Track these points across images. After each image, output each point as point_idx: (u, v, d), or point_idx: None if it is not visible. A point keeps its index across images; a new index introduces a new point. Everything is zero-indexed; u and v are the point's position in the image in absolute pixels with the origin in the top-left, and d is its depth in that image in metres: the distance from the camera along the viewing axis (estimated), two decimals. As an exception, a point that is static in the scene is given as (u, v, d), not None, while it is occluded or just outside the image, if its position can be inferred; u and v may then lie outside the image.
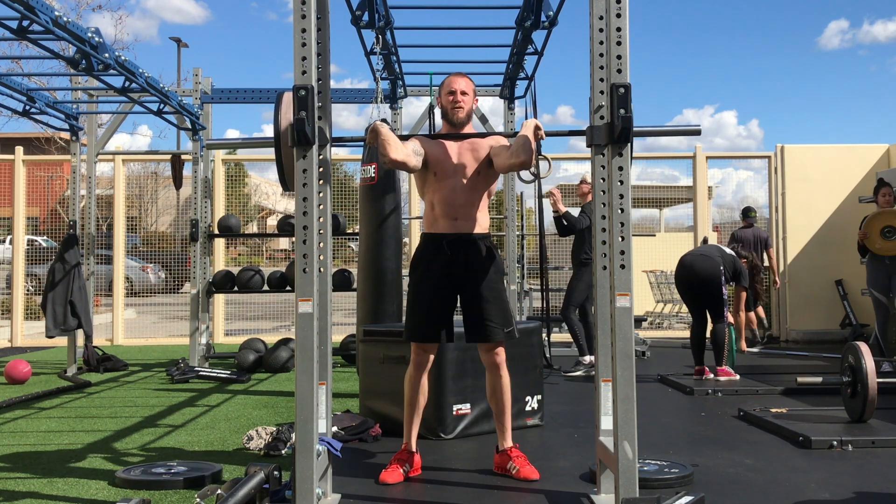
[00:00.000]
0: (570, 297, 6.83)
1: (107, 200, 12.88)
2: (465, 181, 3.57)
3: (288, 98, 3.13)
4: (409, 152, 3.46)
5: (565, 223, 6.60)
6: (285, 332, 10.01)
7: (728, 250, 6.49)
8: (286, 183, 3.19)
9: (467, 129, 3.66)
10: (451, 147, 3.60)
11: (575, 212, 6.79)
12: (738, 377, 6.19)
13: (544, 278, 5.69)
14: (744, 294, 6.83)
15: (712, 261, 6.20)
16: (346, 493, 3.25)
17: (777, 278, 9.22)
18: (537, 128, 3.43)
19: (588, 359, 6.78)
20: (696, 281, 6.21)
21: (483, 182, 3.61)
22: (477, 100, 3.75)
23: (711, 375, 6.22)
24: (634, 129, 2.84)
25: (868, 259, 7.31)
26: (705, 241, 9.29)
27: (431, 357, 3.60)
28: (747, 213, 9.19)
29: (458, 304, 3.63)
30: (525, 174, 3.77)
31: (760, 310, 9.02)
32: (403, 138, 3.71)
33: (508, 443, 3.59)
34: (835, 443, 4.00)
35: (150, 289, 13.08)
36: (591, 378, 6.29)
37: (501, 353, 3.59)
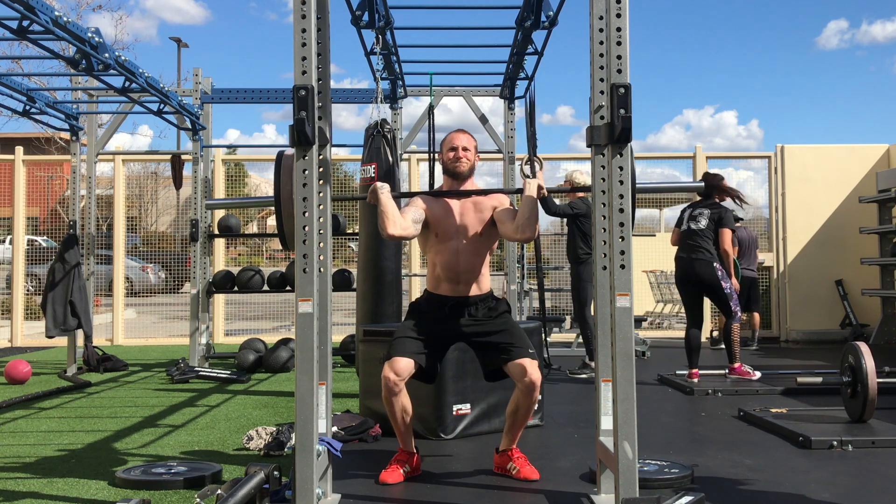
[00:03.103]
0: (578, 297, 6.78)
1: (107, 200, 12.88)
2: (467, 243, 3.54)
3: (287, 161, 3.14)
4: (407, 224, 3.44)
5: (546, 203, 6.53)
6: (285, 332, 10.01)
7: (709, 211, 6.28)
8: (287, 243, 3.18)
9: (469, 184, 3.64)
10: (454, 206, 3.58)
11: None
12: (756, 375, 6.09)
13: (540, 278, 5.69)
14: (728, 233, 6.33)
15: (707, 264, 6.14)
16: (346, 493, 3.26)
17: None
18: (539, 188, 3.48)
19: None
20: (696, 281, 6.20)
21: (485, 243, 3.60)
22: (479, 156, 3.72)
23: (696, 379, 6.13)
24: (639, 184, 2.84)
25: None
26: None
27: (402, 381, 3.37)
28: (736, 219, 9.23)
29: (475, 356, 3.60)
30: (527, 169, 3.78)
31: (756, 316, 9.01)
32: (406, 195, 3.70)
33: (511, 445, 3.59)
34: (835, 443, 4.00)
35: (150, 289, 13.07)
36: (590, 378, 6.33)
37: (538, 372, 3.39)
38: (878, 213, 9.49)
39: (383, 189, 3.44)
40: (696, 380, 6.14)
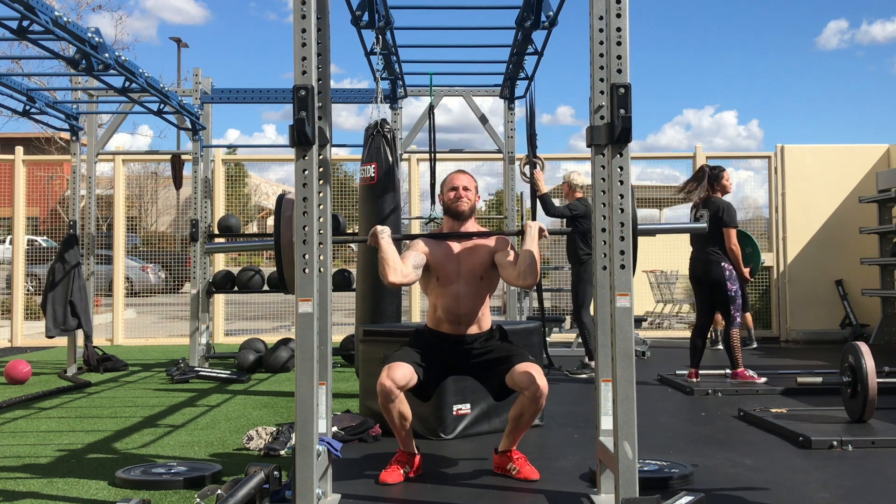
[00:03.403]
0: (577, 298, 6.80)
1: (107, 200, 12.88)
2: (467, 287, 3.55)
3: (289, 208, 3.13)
4: (408, 271, 3.44)
5: (542, 204, 6.52)
6: (285, 332, 10.01)
7: (707, 211, 6.22)
8: (287, 287, 3.18)
9: (470, 224, 3.64)
10: (454, 250, 3.58)
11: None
12: (760, 380, 6.00)
13: (541, 279, 5.70)
14: (731, 232, 6.16)
15: (715, 263, 6.13)
16: (346, 493, 3.26)
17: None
18: (541, 231, 3.50)
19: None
20: (705, 281, 6.19)
21: (486, 287, 3.60)
22: (479, 197, 3.72)
23: (694, 379, 6.12)
24: (641, 226, 2.84)
25: None
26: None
27: (398, 390, 3.35)
28: None
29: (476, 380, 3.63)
30: (527, 170, 3.79)
31: (748, 316, 9.01)
32: (407, 237, 3.70)
33: (511, 447, 3.58)
34: (835, 443, 4.00)
35: (150, 289, 13.07)
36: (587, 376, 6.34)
37: (542, 376, 3.38)
38: (878, 213, 9.49)
39: (384, 234, 3.45)
40: (694, 379, 6.13)
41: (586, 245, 6.67)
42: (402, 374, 3.37)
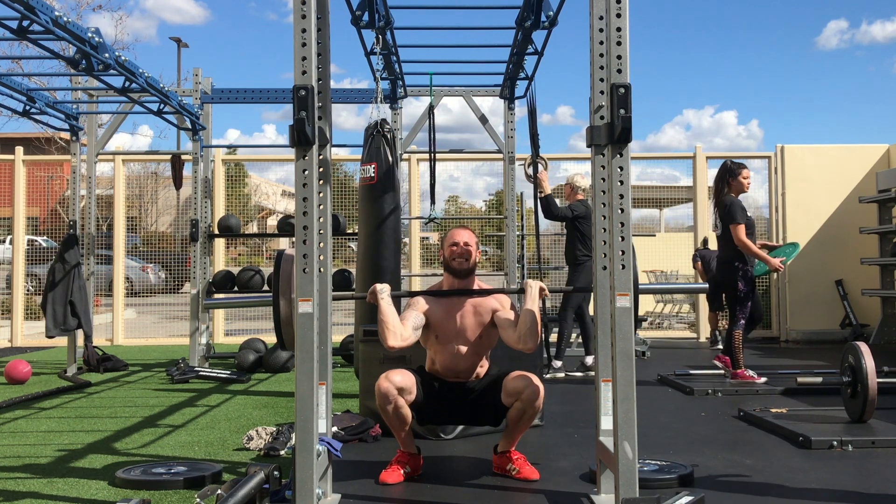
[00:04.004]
0: (567, 298, 6.85)
1: (107, 200, 12.88)
2: (467, 346, 3.55)
3: (287, 265, 3.12)
4: (408, 334, 3.44)
5: (546, 205, 6.52)
6: (285, 332, 9.99)
7: (717, 211, 6.21)
8: (287, 345, 3.17)
9: (470, 282, 3.64)
10: (454, 308, 3.58)
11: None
12: (760, 380, 5.98)
13: (540, 279, 5.70)
14: (738, 228, 6.00)
15: (726, 263, 6.08)
16: (346, 493, 3.26)
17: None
18: (542, 291, 3.51)
19: (589, 360, 6.78)
20: (719, 281, 6.18)
21: (485, 345, 3.61)
22: (480, 253, 3.72)
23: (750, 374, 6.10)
24: (642, 287, 2.84)
25: None
26: (705, 241, 9.31)
27: (397, 392, 3.36)
28: (706, 241, 9.28)
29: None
30: (530, 171, 3.79)
31: None
32: (407, 295, 3.71)
33: (510, 447, 3.59)
34: (835, 443, 4.00)
35: (150, 289, 13.07)
36: (589, 379, 6.34)
37: (536, 378, 3.42)
38: (878, 213, 9.49)
39: (383, 294, 3.45)
40: (733, 380, 6.08)
41: (585, 247, 6.69)
42: (401, 378, 3.38)
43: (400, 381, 3.37)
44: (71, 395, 6.08)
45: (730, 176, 6.16)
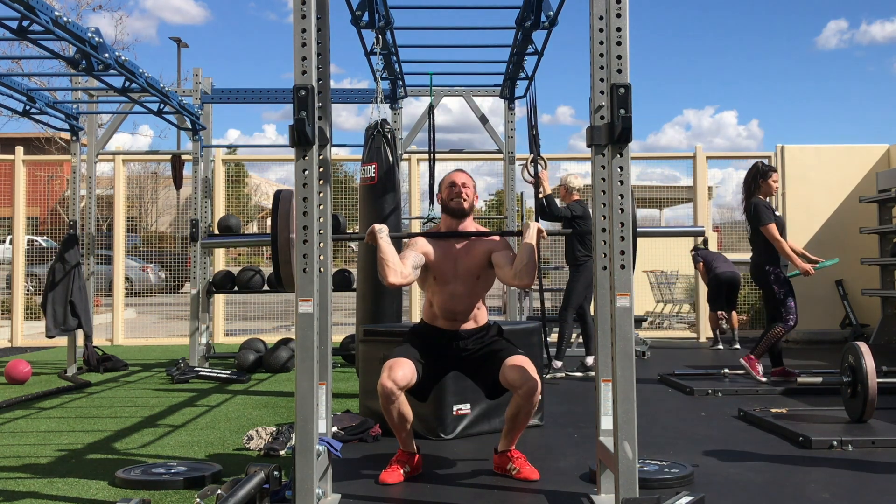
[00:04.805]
0: (568, 298, 6.84)
1: (107, 200, 12.88)
2: (464, 287, 3.55)
3: (286, 204, 3.12)
4: (408, 272, 3.43)
5: (546, 205, 6.52)
6: (285, 332, 10.01)
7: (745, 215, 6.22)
8: (284, 284, 3.17)
9: (468, 223, 3.64)
10: (452, 249, 3.58)
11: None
12: (762, 378, 5.96)
13: (540, 278, 5.71)
14: (768, 228, 5.97)
15: (758, 267, 6.05)
16: (346, 493, 3.26)
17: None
18: (539, 232, 3.48)
19: (590, 360, 6.78)
20: (759, 285, 6.15)
21: (482, 286, 3.61)
22: (477, 197, 3.72)
23: (772, 378, 6.06)
24: (640, 229, 2.84)
25: None
26: (705, 242, 9.29)
27: (399, 391, 3.34)
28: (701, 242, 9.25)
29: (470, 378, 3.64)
30: (525, 175, 3.78)
31: (735, 315, 9.01)
32: (406, 236, 3.70)
33: (510, 446, 3.58)
34: (835, 443, 4.00)
35: (150, 289, 13.07)
36: (589, 379, 6.34)
37: (534, 372, 3.37)
38: (878, 213, 9.49)
39: (382, 233, 3.44)
40: (773, 378, 6.05)
41: (584, 247, 6.71)
42: (402, 373, 3.36)
43: (401, 377, 3.34)
44: (71, 395, 6.08)
45: (760, 177, 6.12)
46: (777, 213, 6.10)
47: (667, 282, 10.85)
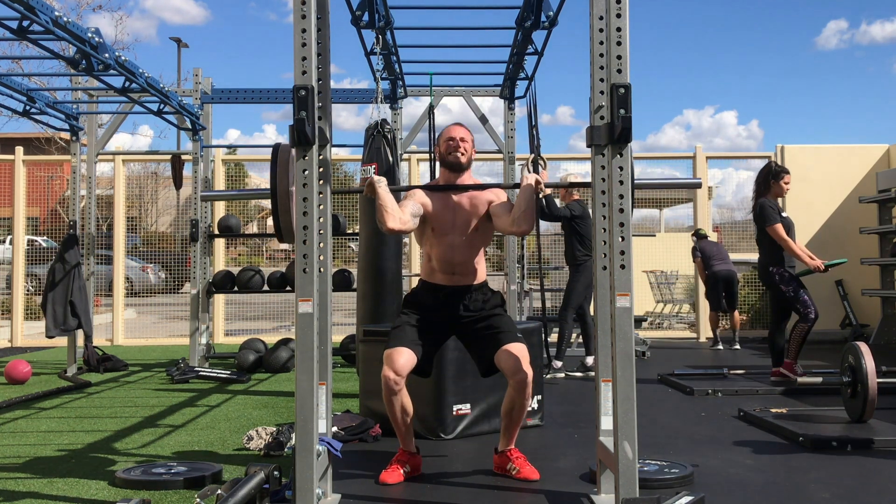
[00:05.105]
0: (568, 298, 6.84)
1: (107, 200, 12.88)
2: (462, 238, 3.54)
3: (284, 154, 3.12)
4: (406, 218, 3.43)
5: (546, 205, 6.51)
6: (285, 332, 10.01)
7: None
8: (284, 236, 3.17)
9: (467, 177, 3.64)
10: (450, 201, 3.57)
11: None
12: (806, 379, 5.69)
13: (542, 278, 5.71)
14: (774, 228, 6.01)
15: (763, 268, 6.01)
16: (346, 493, 3.25)
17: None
18: (537, 183, 3.45)
19: (590, 360, 6.78)
20: (766, 286, 6.11)
21: (481, 238, 3.60)
22: (475, 150, 3.71)
23: (773, 378, 6.04)
24: (637, 181, 2.83)
25: None
26: (702, 235, 9.21)
27: (402, 380, 3.36)
28: (698, 232, 9.21)
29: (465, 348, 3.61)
30: (531, 169, 3.77)
31: (736, 315, 9.00)
32: (404, 189, 3.70)
33: (509, 445, 3.58)
34: (835, 443, 4.00)
35: (150, 289, 13.07)
36: (589, 379, 6.34)
37: (527, 363, 3.38)
38: (878, 213, 9.49)
39: (381, 183, 3.42)
40: (773, 378, 6.05)
41: (583, 246, 6.72)
42: (403, 361, 3.35)
43: (402, 365, 3.34)
44: (71, 395, 6.08)
45: (772, 178, 6.06)
46: (784, 215, 6.06)
47: (667, 282, 10.85)
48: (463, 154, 3.60)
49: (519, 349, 3.40)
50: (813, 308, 5.90)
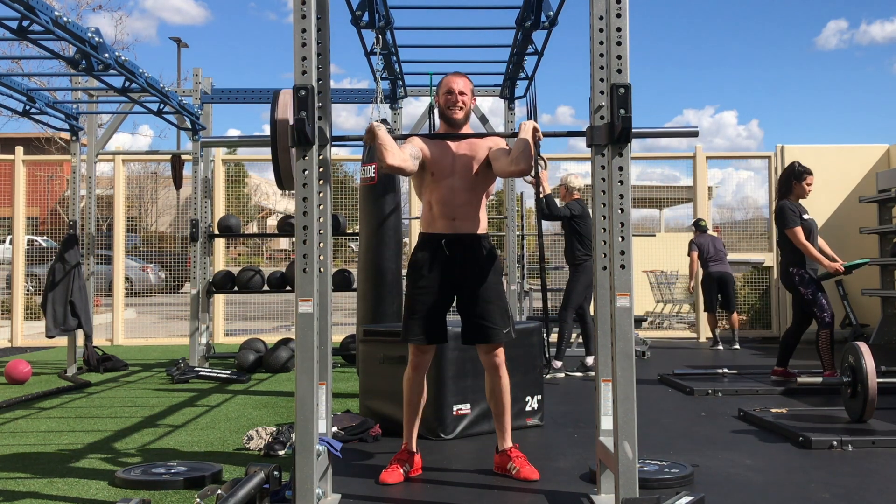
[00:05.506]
0: (568, 298, 6.85)
1: (107, 200, 12.88)
2: (463, 181, 3.54)
3: (284, 96, 3.11)
4: (406, 157, 3.42)
5: (546, 205, 6.50)
6: (285, 332, 10.01)
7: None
8: (283, 182, 3.17)
9: (465, 130, 3.64)
10: (449, 147, 3.57)
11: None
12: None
13: (543, 278, 5.71)
14: (794, 232, 5.88)
15: (783, 270, 5.98)
16: (346, 493, 3.25)
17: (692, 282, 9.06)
18: (535, 130, 3.42)
19: (590, 360, 6.78)
20: (787, 289, 6.09)
21: (481, 183, 3.59)
22: (475, 100, 3.70)
23: (773, 377, 6.05)
24: (633, 129, 2.83)
25: None
26: (702, 225, 9.15)
27: (429, 358, 3.59)
28: (699, 223, 9.16)
29: (455, 304, 3.63)
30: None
31: (735, 316, 8.98)
32: (401, 138, 3.70)
33: (508, 443, 3.59)
34: (835, 443, 3.99)
35: (150, 289, 13.07)
36: (589, 379, 6.35)
37: (501, 353, 3.56)
38: (878, 213, 9.49)
39: (380, 128, 3.42)
40: (773, 377, 6.06)
41: (583, 246, 6.71)
42: (426, 359, 3.57)
43: (425, 362, 3.58)
44: (71, 395, 6.08)
45: (794, 179, 5.97)
46: (806, 217, 5.96)
47: (667, 282, 10.84)
48: (461, 109, 3.58)
49: (499, 355, 3.56)
50: (829, 311, 5.87)
